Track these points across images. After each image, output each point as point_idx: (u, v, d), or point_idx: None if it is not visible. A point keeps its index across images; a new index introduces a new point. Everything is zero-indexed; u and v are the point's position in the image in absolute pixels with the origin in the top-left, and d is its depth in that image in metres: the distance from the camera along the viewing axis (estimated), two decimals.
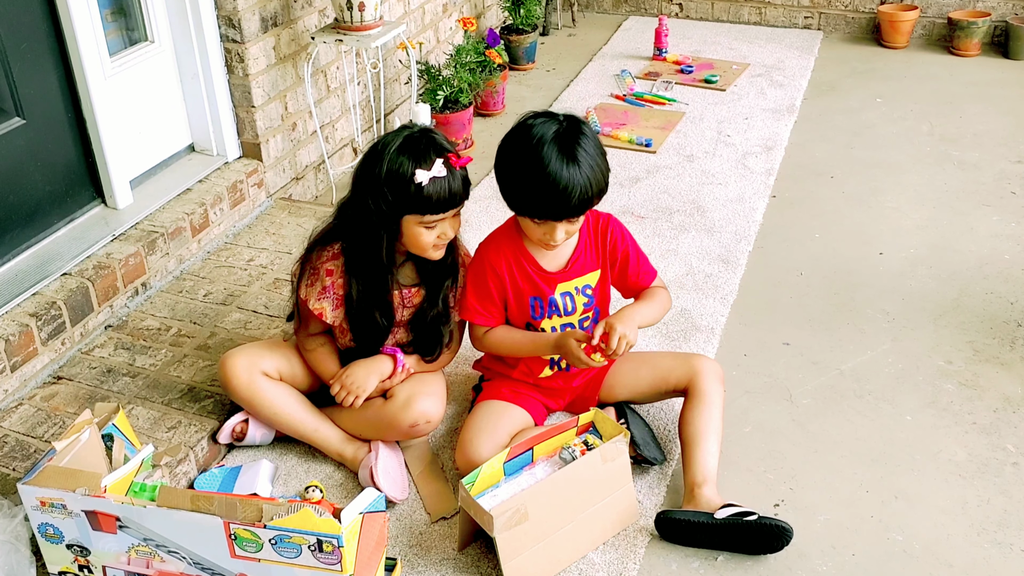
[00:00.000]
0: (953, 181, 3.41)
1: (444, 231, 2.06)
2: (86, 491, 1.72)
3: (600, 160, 2.01)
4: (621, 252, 2.18)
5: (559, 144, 1.96)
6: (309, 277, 2.15)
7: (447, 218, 2.05)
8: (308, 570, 1.68)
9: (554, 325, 2.19)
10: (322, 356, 2.23)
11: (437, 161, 1.97)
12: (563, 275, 2.16)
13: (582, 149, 1.97)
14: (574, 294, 2.18)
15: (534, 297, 2.16)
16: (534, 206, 2.01)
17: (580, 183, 1.96)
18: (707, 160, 3.58)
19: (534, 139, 1.98)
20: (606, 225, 2.18)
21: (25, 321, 2.32)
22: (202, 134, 3.06)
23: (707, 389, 2.16)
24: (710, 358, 2.34)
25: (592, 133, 2.03)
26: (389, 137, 2.03)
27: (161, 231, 2.71)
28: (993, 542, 2.00)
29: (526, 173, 1.98)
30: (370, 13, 3.01)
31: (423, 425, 2.15)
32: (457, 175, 2.01)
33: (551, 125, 2.00)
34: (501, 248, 2.15)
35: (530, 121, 2.02)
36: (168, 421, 2.23)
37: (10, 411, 2.27)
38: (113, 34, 2.76)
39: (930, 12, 4.62)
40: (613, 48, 4.70)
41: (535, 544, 1.89)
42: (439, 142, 2.02)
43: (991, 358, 2.52)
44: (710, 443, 2.10)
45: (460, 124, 3.64)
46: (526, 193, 2.00)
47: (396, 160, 1.98)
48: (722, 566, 1.96)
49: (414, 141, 2.00)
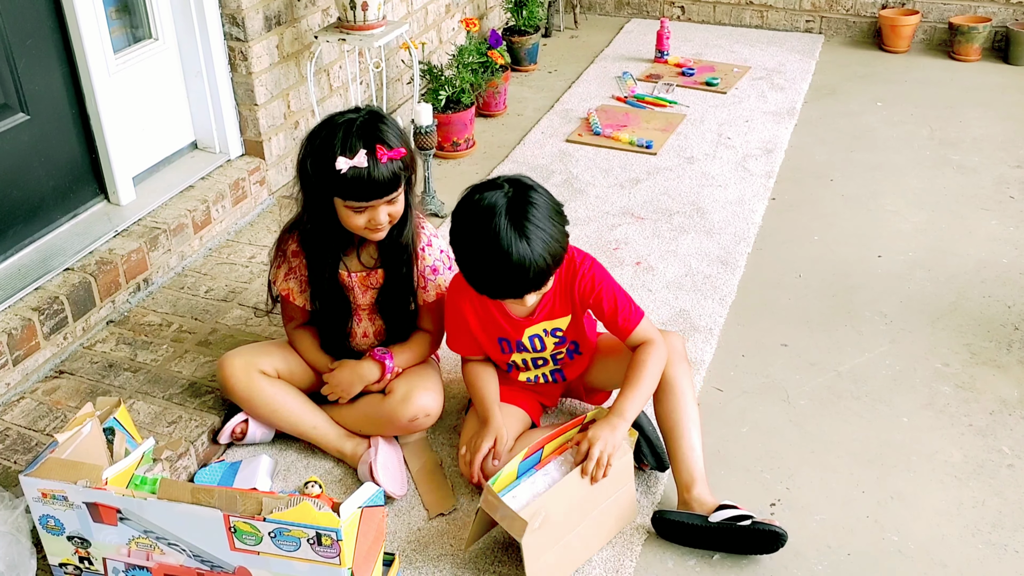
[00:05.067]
0: (952, 185, 3.42)
1: (374, 217, 2.04)
2: (87, 483, 1.73)
3: (553, 229, 1.91)
4: (593, 299, 2.08)
5: (510, 220, 1.87)
6: (278, 259, 2.21)
7: (376, 205, 2.03)
8: (307, 563, 1.69)
9: (524, 359, 2.20)
10: (308, 347, 2.26)
11: (361, 151, 1.96)
12: (529, 321, 2.12)
13: (531, 223, 1.88)
14: (543, 336, 2.15)
15: (501, 338, 2.16)
16: (494, 289, 1.95)
17: (534, 260, 1.87)
18: (707, 162, 3.59)
19: (484, 219, 1.89)
20: (573, 275, 2.08)
21: (28, 315, 2.34)
22: (205, 131, 3.07)
23: (671, 375, 2.07)
24: (670, 332, 2.18)
25: (540, 198, 1.92)
26: (331, 118, 2.04)
27: (163, 227, 2.72)
28: (988, 543, 2.01)
29: (482, 259, 1.91)
30: (373, 13, 3.03)
31: (422, 419, 2.17)
32: (381, 167, 1.97)
33: (498, 198, 1.90)
34: (466, 291, 2.09)
35: (476, 196, 1.94)
36: (169, 416, 2.24)
37: (12, 404, 2.28)
38: (117, 31, 2.78)
39: (931, 17, 4.63)
40: (615, 50, 4.72)
41: (554, 545, 1.89)
42: (372, 131, 1.99)
43: (988, 361, 2.54)
44: (690, 436, 2.05)
45: (462, 124, 3.66)
46: (485, 277, 1.94)
47: (323, 143, 2.00)
48: (718, 564, 1.97)
49: (347, 126, 1.99)
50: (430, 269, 2.21)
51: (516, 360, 2.20)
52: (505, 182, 1.95)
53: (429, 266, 2.20)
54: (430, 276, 2.21)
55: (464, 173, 3.58)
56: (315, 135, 2.03)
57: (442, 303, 2.22)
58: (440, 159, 3.66)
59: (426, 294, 2.23)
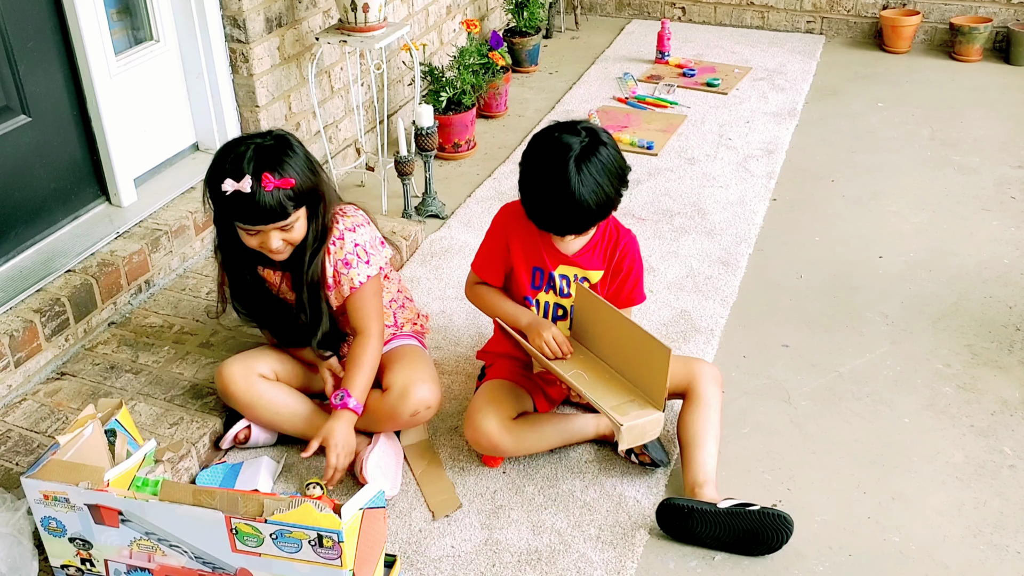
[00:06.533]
0: (953, 186, 3.42)
1: (265, 242, 2.04)
2: (89, 485, 1.73)
3: (608, 185, 2.03)
4: (625, 268, 2.22)
5: (576, 163, 2.00)
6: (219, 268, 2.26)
7: (265, 230, 2.02)
8: (308, 565, 1.69)
9: (548, 300, 2.24)
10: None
11: (247, 176, 1.96)
12: (566, 258, 2.21)
13: (593, 172, 2.01)
14: (572, 280, 2.21)
15: (536, 267, 2.21)
16: (541, 218, 2.08)
17: (582, 203, 2.01)
18: (708, 163, 3.59)
19: (556, 155, 2.02)
20: (620, 239, 2.22)
21: (29, 317, 2.34)
22: (206, 133, 3.07)
23: (705, 392, 2.19)
24: (709, 362, 2.36)
25: (607, 153, 2.05)
26: (236, 139, 2.06)
27: (165, 229, 2.73)
28: (989, 544, 2.01)
29: (541, 188, 2.05)
30: (374, 14, 3.03)
31: (423, 412, 2.17)
32: (266, 194, 1.96)
33: (574, 142, 2.03)
34: (521, 215, 2.17)
35: (556, 134, 2.06)
36: (170, 417, 2.25)
37: (14, 406, 2.28)
38: (119, 33, 2.78)
39: (932, 17, 4.63)
40: (616, 51, 4.72)
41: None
42: (266, 158, 1.98)
43: (989, 361, 2.54)
44: (709, 445, 2.13)
45: (463, 125, 3.66)
46: (538, 205, 2.07)
47: (218, 163, 2.01)
48: (719, 565, 1.97)
49: (244, 149, 1.99)
50: (342, 263, 2.15)
51: (540, 299, 2.24)
52: (583, 129, 2.06)
53: (340, 260, 2.15)
54: (343, 270, 2.15)
55: (465, 174, 3.58)
56: (218, 153, 2.05)
57: (362, 296, 2.18)
58: (441, 160, 3.67)
59: (341, 288, 2.18)
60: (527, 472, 2.22)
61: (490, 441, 2.14)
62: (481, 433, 2.13)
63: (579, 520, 2.09)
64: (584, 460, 2.24)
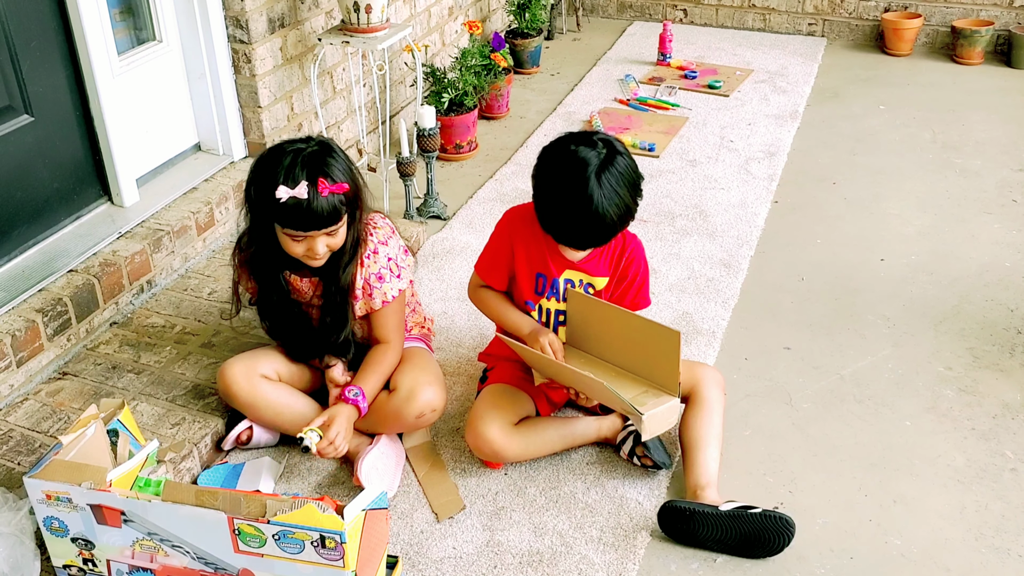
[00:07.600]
0: (955, 188, 3.42)
1: (312, 247, 2.04)
2: (91, 485, 1.73)
3: (628, 197, 2.03)
4: (631, 274, 2.21)
5: (598, 179, 1.98)
6: (234, 269, 2.25)
7: (314, 236, 2.03)
8: (311, 566, 1.69)
9: (550, 307, 2.23)
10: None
11: (303, 182, 1.97)
12: (573, 265, 2.20)
13: (615, 187, 2.00)
14: (576, 285, 2.21)
15: (540, 273, 2.20)
16: (563, 233, 2.06)
17: (608, 219, 2.00)
18: (710, 165, 3.59)
19: (576, 170, 2.00)
20: (627, 245, 2.21)
21: (31, 317, 2.34)
22: (208, 133, 3.08)
23: (708, 396, 2.20)
24: (711, 366, 2.36)
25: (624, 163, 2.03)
26: (280, 145, 2.05)
27: (167, 229, 2.73)
28: (991, 547, 2.01)
29: (562, 203, 2.02)
30: (376, 15, 3.03)
31: (429, 415, 2.18)
32: (321, 199, 1.98)
33: (591, 156, 2.00)
34: (527, 220, 2.18)
35: (573, 147, 2.03)
36: (172, 417, 2.25)
37: (16, 406, 2.28)
38: (121, 33, 2.78)
39: (934, 20, 4.63)
40: (617, 53, 4.72)
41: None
42: (318, 163, 1.99)
43: (991, 364, 2.54)
44: (711, 448, 2.13)
45: (464, 126, 3.66)
46: (558, 220, 2.05)
47: (268, 170, 2.00)
48: (720, 567, 1.97)
49: (293, 156, 1.99)
50: (375, 276, 2.18)
51: (542, 305, 2.24)
52: (599, 141, 2.04)
53: (374, 273, 2.17)
54: (375, 283, 2.18)
55: (467, 176, 3.59)
56: (261, 160, 2.05)
57: (392, 309, 2.21)
58: (443, 161, 3.67)
59: (372, 301, 2.20)
60: (529, 474, 2.22)
61: (492, 448, 2.14)
62: (484, 440, 2.14)
63: (581, 522, 2.09)
64: (586, 462, 2.25)
